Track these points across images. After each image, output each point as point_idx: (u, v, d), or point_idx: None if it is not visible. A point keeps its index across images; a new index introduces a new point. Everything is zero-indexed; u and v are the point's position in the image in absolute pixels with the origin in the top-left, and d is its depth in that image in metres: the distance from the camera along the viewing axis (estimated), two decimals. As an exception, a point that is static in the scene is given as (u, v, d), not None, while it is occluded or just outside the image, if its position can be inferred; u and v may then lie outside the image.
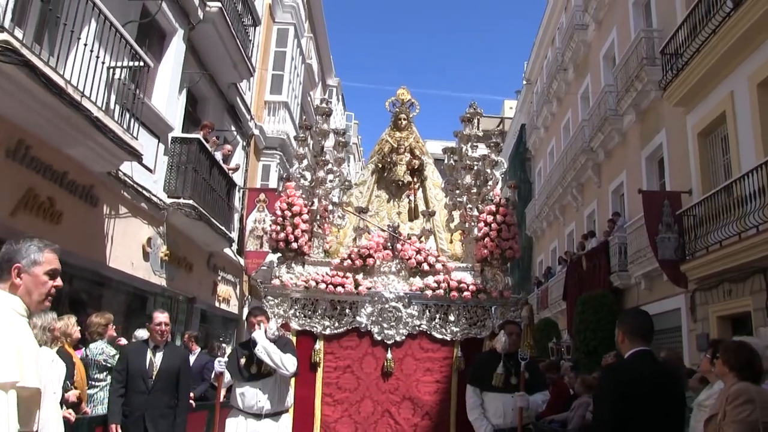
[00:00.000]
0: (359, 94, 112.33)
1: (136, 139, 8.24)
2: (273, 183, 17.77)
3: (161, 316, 6.18)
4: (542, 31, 28.37)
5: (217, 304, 14.53)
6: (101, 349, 6.68)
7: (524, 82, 33.17)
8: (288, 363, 5.76)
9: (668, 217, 12.46)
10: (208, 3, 11.42)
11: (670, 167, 14.28)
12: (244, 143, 16.12)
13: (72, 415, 5.55)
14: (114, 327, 7.27)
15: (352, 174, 33.50)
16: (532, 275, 28.77)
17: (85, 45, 7.38)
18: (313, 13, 23.87)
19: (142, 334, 7.61)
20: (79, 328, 6.21)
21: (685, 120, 13.11)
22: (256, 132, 16.85)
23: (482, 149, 8.39)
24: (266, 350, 5.71)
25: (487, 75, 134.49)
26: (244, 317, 16.52)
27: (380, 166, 8.48)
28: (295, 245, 7.12)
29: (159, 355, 6.08)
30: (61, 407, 4.96)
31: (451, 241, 8.08)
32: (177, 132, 11.08)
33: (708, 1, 11.32)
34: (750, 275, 10.13)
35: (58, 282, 2.82)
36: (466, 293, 7.01)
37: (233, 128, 14.93)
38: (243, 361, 5.95)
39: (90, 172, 8.13)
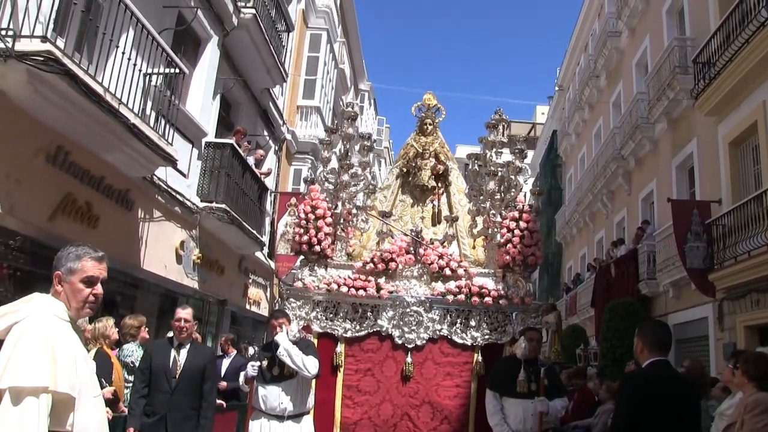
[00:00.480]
0: (392, 97, 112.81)
1: (171, 144, 8.52)
2: (305, 187, 18.04)
3: (182, 312, 5.90)
4: (575, 37, 28.34)
5: (247, 307, 14.81)
6: (132, 351, 6.78)
7: (556, 88, 33.12)
8: (310, 365, 5.82)
9: (697, 226, 12.43)
10: (243, 10, 11.70)
11: (700, 176, 14.22)
12: (276, 148, 16.40)
13: (108, 413, 5.75)
14: (147, 329, 7.48)
15: (383, 178, 33.74)
16: (561, 281, 28.76)
17: (123, 53, 7.64)
18: (346, 18, 24.13)
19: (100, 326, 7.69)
20: (116, 329, 6.38)
21: (717, 129, 13.06)
22: (288, 137, 17.13)
23: (507, 155, 8.51)
24: (288, 352, 5.78)
25: (520, 80, 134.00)
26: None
27: (405, 170, 8.62)
28: (318, 248, 7.24)
29: (183, 353, 5.78)
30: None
31: (474, 247, 8.17)
32: (211, 137, 11.35)
33: (742, 9, 11.29)
34: (777, 286, 10.11)
35: (98, 290, 2.86)
36: (487, 299, 7.09)
37: (266, 133, 15.22)
38: (265, 363, 6.02)
39: (126, 177, 8.43)
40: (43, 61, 5.73)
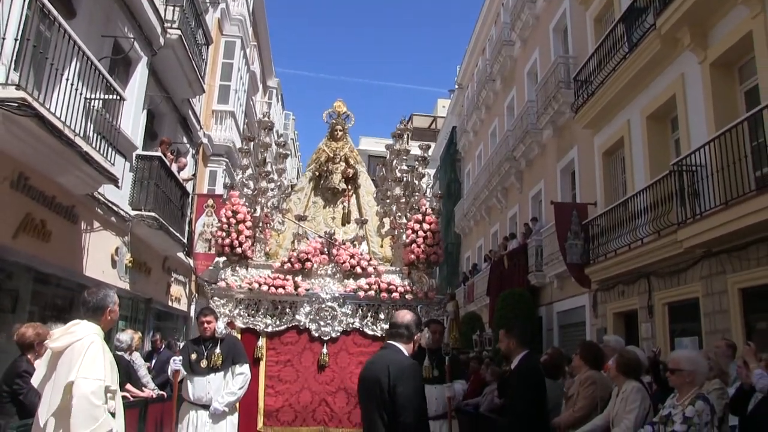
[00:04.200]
0: (297, 81, 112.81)
1: (113, 164, 9.40)
2: (220, 188, 18.91)
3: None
4: (474, 39, 29.64)
5: (170, 303, 15.65)
6: None
7: (456, 86, 34.68)
8: (244, 383, 6.51)
9: (576, 225, 14.10)
10: (169, 30, 12.52)
11: (580, 180, 16.05)
12: (194, 151, 17.20)
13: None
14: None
15: (289, 169, 34.49)
16: (459, 271, 30.21)
17: (68, 80, 8.45)
18: (257, 21, 24.89)
19: (125, 337, 8.74)
20: None
21: (593, 140, 14.83)
22: (205, 140, 17.96)
23: (415, 149, 9.32)
24: (230, 404, 6.41)
25: (424, 68, 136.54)
26: (192, 313, 17.80)
27: (317, 174, 9.21)
28: (239, 250, 7.65)
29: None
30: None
31: (382, 246, 8.87)
32: (140, 149, 12.18)
33: (613, 36, 12.98)
34: (637, 279, 11.95)
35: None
36: (394, 294, 7.68)
37: (185, 139, 16.03)
38: (194, 356, 6.44)
39: (72, 195, 9.27)
40: (18, 107, 6.61)
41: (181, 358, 6.59)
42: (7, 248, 7.80)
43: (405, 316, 4.25)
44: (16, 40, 6.95)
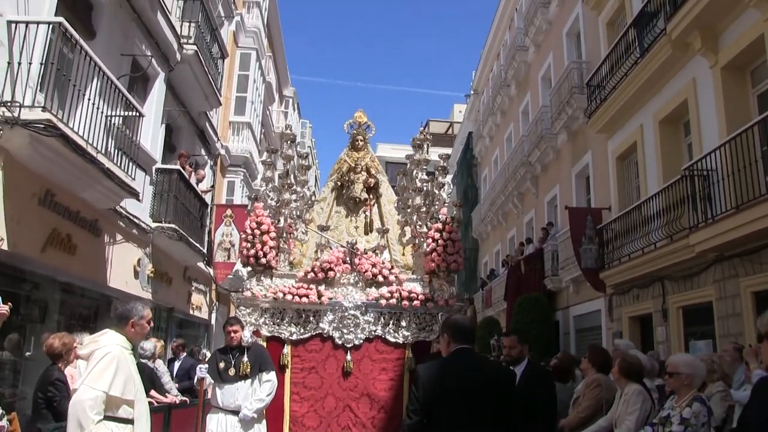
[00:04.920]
0: (312, 89, 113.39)
1: (134, 179, 9.68)
2: (238, 198, 19.22)
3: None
4: (489, 44, 29.91)
5: (191, 312, 15.94)
6: None
7: (472, 92, 34.87)
8: (271, 390, 6.70)
9: (590, 230, 14.20)
10: (185, 46, 12.82)
11: (594, 185, 16.14)
12: (212, 163, 17.51)
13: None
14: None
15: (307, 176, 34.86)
16: (477, 275, 30.31)
17: (89, 99, 8.75)
18: (272, 32, 25.22)
19: (149, 346, 9.00)
20: None
21: (607, 145, 14.94)
22: (222, 152, 18.25)
23: (434, 155, 9.36)
24: (259, 410, 6.63)
25: (438, 73, 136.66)
26: (212, 321, 18.09)
27: (339, 184, 9.32)
28: (264, 260, 7.71)
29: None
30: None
31: (404, 254, 8.94)
32: (159, 163, 12.48)
33: (625, 41, 13.08)
34: (651, 283, 12.03)
35: (150, 325, 4.44)
36: (415, 302, 7.71)
37: (203, 151, 16.33)
38: (222, 365, 6.62)
39: (96, 209, 9.56)
40: (44, 128, 6.89)
41: (206, 366, 6.81)
42: (36, 262, 8.12)
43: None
44: (41, 64, 7.22)
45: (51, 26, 7.35)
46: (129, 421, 4.14)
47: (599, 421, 5.53)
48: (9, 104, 6.85)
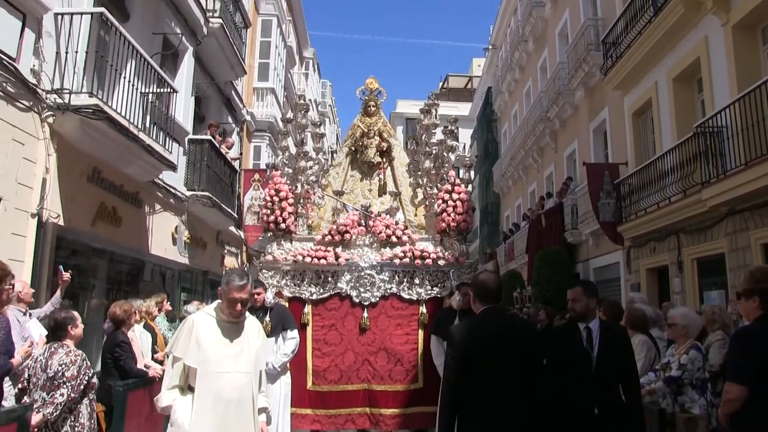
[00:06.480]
0: (330, 44, 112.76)
1: (170, 152, 10.26)
2: (264, 161, 19.77)
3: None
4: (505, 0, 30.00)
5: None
6: (158, 323, 8.73)
7: (490, 46, 34.79)
8: (294, 347, 7.07)
9: (608, 185, 14.55)
10: (211, 20, 13.26)
11: (611, 140, 16.44)
12: (238, 129, 18.05)
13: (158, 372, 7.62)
14: (168, 302, 9.41)
15: (328, 135, 35.07)
16: (500, 229, 30.68)
17: (125, 78, 9.27)
18: (291, -4, 25.47)
19: (191, 309, 9.67)
20: (157, 308, 8.28)
21: (623, 101, 15.21)
22: (248, 117, 18.78)
23: (454, 110, 9.47)
24: (284, 364, 6.99)
25: (456, 24, 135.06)
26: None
27: (353, 149, 9.63)
28: (283, 225, 8.03)
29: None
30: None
31: (416, 215, 9.25)
32: (191, 134, 13.04)
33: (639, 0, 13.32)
34: (666, 236, 12.47)
35: (237, 307, 4.01)
36: (428, 260, 7.99)
37: (230, 119, 16.86)
38: None
39: (137, 182, 10.19)
40: (92, 112, 7.47)
41: None
42: (87, 234, 8.81)
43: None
44: (86, 52, 7.75)
45: (92, 15, 7.84)
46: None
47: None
48: (59, 91, 7.40)
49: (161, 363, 7.68)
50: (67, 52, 7.71)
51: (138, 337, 7.26)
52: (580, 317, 4.62)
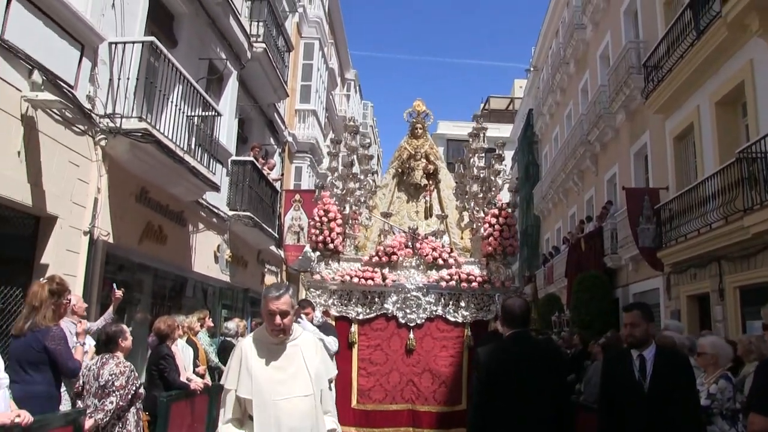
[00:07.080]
0: (371, 64, 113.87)
1: (214, 173, 10.55)
2: (305, 182, 20.09)
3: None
4: (547, 21, 29.74)
5: (264, 292, 16.93)
6: (200, 338, 8.97)
7: (531, 68, 34.83)
8: (332, 344, 7.02)
9: (648, 210, 14.40)
10: (255, 45, 13.62)
11: (652, 164, 16.30)
12: (280, 150, 18.38)
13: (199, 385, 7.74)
14: (210, 318, 9.62)
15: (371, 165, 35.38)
16: (539, 252, 30.48)
17: (172, 102, 9.57)
18: (333, 17, 25.84)
19: (232, 326, 9.88)
20: (199, 324, 8.51)
21: (664, 125, 15.10)
22: (290, 139, 19.11)
23: (489, 131, 9.40)
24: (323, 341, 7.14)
25: (498, 45, 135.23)
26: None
27: (400, 170, 9.86)
28: (331, 245, 8.35)
29: None
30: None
31: (462, 237, 9.43)
32: (233, 155, 13.37)
33: (682, 21, 13.22)
34: (708, 263, 12.29)
35: (276, 320, 3.47)
36: (474, 284, 8.25)
37: (272, 140, 17.20)
38: None
39: (182, 202, 10.51)
40: (142, 136, 7.78)
41: None
42: (134, 251, 9.16)
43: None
44: (137, 78, 8.08)
45: (143, 44, 8.19)
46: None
47: None
48: (112, 116, 7.73)
49: (202, 377, 7.93)
50: (119, 79, 8.10)
51: (180, 351, 7.49)
52: (639, 343, 4.31)
